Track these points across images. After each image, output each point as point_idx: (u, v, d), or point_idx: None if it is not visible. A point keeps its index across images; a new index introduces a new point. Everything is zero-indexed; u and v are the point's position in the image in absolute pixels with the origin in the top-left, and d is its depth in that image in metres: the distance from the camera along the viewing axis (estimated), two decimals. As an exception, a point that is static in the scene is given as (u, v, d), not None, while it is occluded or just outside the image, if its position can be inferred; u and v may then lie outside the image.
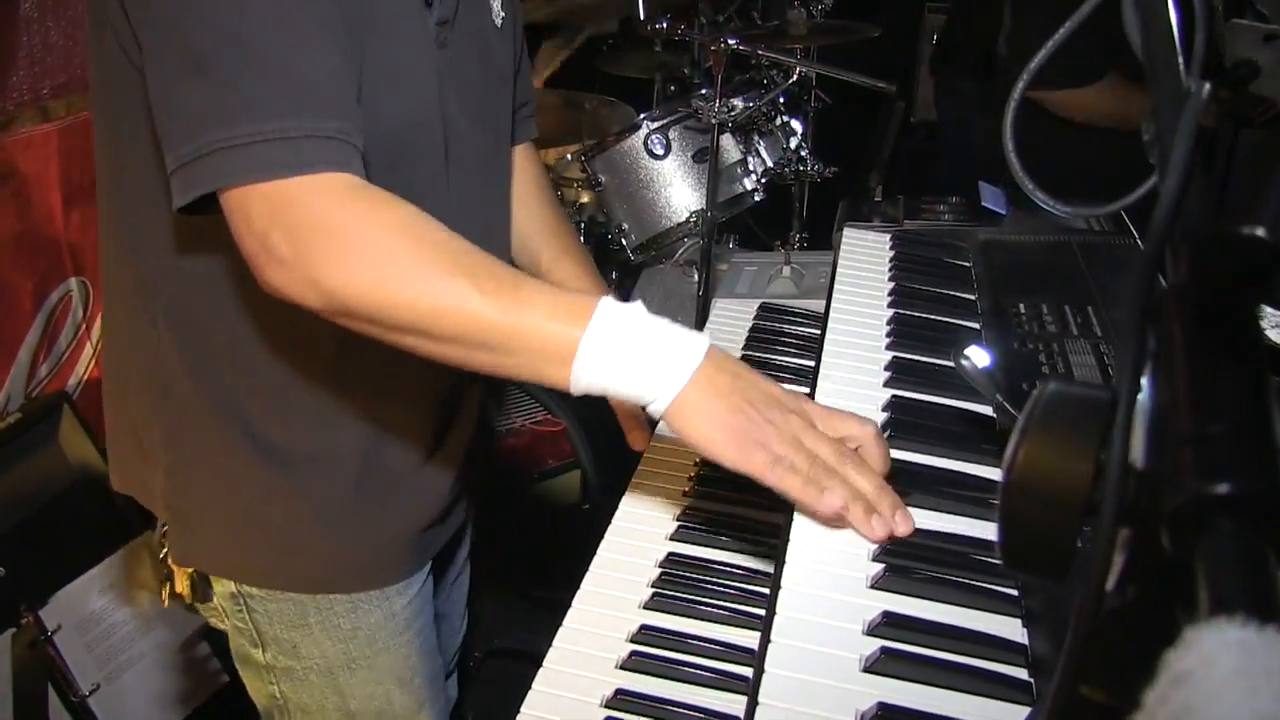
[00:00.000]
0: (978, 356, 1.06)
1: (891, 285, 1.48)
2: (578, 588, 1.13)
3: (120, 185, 1.12)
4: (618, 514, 1.24)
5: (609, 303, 0.95)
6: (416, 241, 0.93)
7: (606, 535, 1.21)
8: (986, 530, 1.03)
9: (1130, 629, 0.40)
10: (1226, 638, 0.28)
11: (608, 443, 2.42)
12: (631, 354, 0.93)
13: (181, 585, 1.26)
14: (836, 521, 0.99)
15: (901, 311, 1.40)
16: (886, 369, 1.27)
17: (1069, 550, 0.43)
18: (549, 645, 1.06)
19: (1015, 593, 0.94)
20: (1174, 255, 0.44)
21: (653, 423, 1.38)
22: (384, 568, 1.25)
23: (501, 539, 2.59)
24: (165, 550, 1.24)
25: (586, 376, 0.94)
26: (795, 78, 2.71)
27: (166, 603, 1.29)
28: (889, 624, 0.90)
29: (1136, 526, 0.39)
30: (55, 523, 2.12)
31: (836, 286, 1.46)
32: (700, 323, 1.91)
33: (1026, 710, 0.83)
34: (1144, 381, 0.42)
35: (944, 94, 3.27)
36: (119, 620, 2.15)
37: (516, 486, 2.55)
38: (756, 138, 2.76)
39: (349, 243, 0.91)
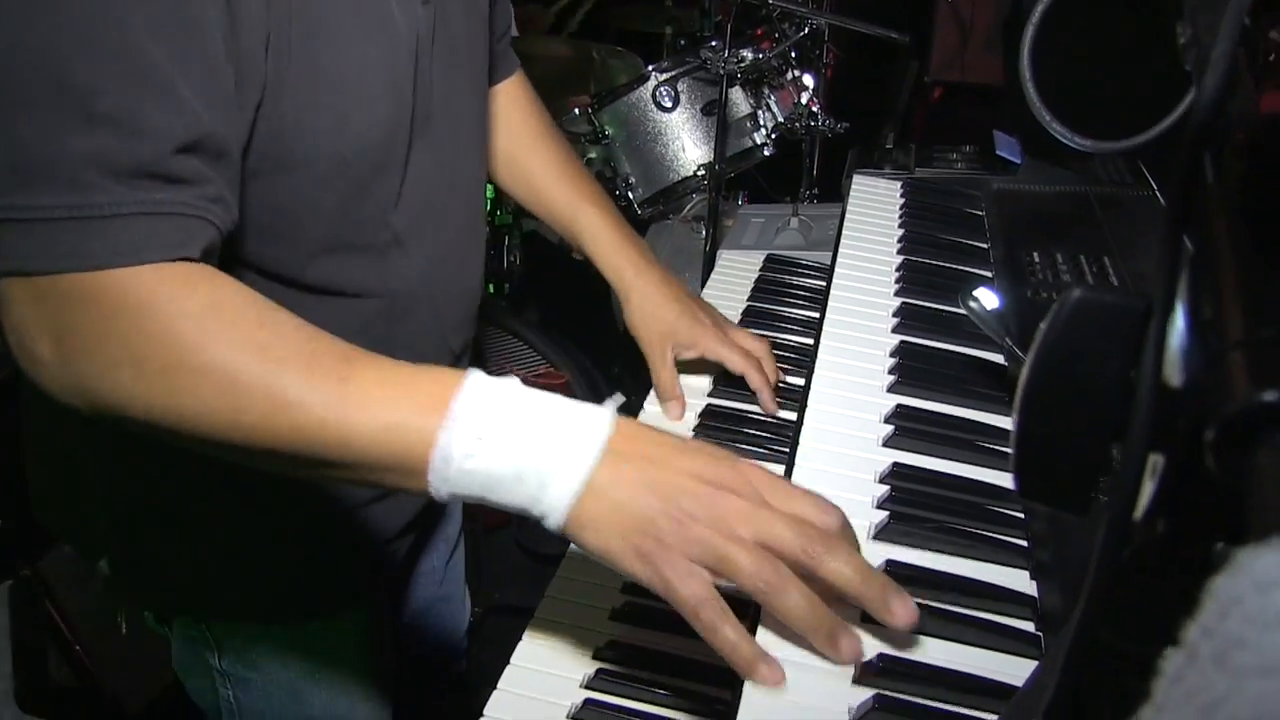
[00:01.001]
0: (986, 299, 1.02)
1: (902, 232, 1.43)
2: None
3: None
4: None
5: (474, 386, 0.72)
6: (215, 338, 0.71)
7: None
8: (994, 478, 0.99)
9: (1159, 567, 0.36)
10: (1286, 559, 0.24)
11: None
12: (509, 456, 0.70)
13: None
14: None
15: (912, 258, 1.36)
16: (895, 315, 1.22)
17: (1092, 478, 0.39)
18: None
19: (1024, 544, 0.90)
20: (1216, 156, 0.40)
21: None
22: (361, 592, 1.16)
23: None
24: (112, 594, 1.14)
25: (446, 485, 0.72)
26: (807, 30, 2.64)
27: (124, 630, 1.20)
28: (892, 573, 0.85)
29: (1170, 451, 0.34)
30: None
31: (845, 232, 1.42)
32: (705, 277, 1.86)
33: (1033, 664, 0.79)
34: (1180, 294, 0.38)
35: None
36: (116, 572, 2.13)
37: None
38: (767, 91, 2.70)
39: (125, 354, 0.71)
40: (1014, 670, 0.78)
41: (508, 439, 0.70)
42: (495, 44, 1.22)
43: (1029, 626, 0.83)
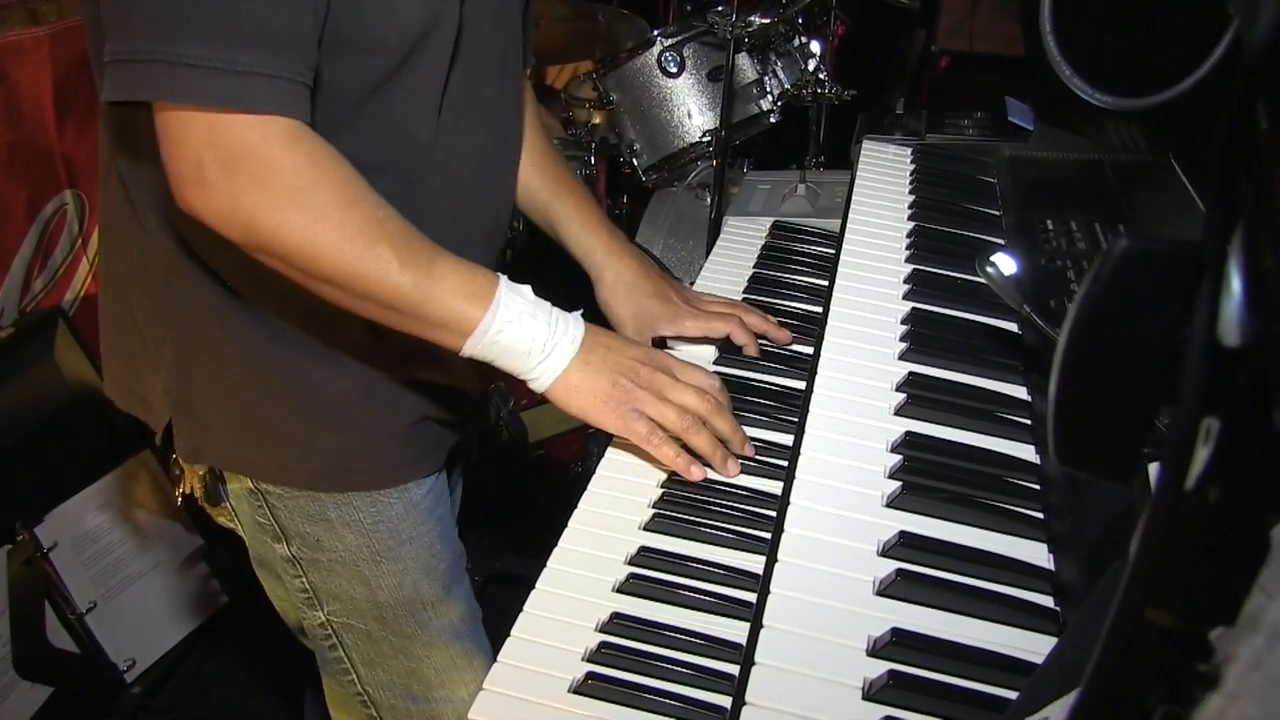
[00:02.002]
0: (1004, 263, 0.99)
1: (912, 198, 1.40)
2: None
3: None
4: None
5: (507, 290, 1.03)
6: (350, 205, 0.95)
7: (606, 455, 1.15)
8: (1008, 448, 0.97)
9: (1211, 539, 0.33)
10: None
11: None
12: (518, 339, 1.03)
13: (192, 484, 1.22)
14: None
15: (923, 224, 1.33)
16: (906, 281, 1.20)
17: (1138, 444, 0.36)
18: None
19: (1040, 515, 0.88)
20: (1271, 100, 0.37)
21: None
22: (400, 465, 1.21)
23: (503, 465, 2.55)
24: (174, 454, 1.20)
25: (475, 349, 1.02)
26: (815, -7, 2.59)
27: (180, 502, 1.26)
28: (905, 545, 0.84)
29: (1226, 414, 0.32)
30: (51, 439, 2.08)
31: (855, 198, 1.39)
32: (710, 244, 1.83)
33: (1051, 640, 0.77)
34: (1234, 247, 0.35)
35: None
36: (116, 539, 2.12)
37: (517, 420, 2.50)
38: (774, 58, 2.65)
39: (287, 194, 0.92)
40: (1031, 646, 0.76)
41: (523, 327, 1.03)
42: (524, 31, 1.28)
43: (1047, 601, 0.80)
